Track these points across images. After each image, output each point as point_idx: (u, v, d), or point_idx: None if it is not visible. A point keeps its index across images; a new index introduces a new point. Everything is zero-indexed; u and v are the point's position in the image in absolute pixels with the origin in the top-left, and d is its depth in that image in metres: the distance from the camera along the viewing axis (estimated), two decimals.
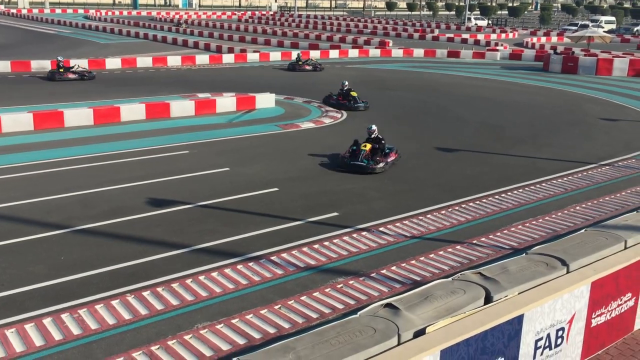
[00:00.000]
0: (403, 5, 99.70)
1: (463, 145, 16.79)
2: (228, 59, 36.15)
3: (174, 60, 34.11)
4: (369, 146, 13.91)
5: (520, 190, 12.70)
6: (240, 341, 6.91)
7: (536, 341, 5.82)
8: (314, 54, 38.57)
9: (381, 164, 13.67)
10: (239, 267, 8.68)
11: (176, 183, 12.62)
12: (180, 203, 11.26)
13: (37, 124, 17.42)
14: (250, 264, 8.78)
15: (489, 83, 30.16)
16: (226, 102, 21.01)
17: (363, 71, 33.77)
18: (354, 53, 41.36)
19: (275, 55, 37.91)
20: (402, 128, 18.95)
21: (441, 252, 9.34)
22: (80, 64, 28.51)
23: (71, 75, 26.51)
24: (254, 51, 38.94)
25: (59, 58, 26.96)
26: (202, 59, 35.22)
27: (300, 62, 32.78)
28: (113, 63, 32.04)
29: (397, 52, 41.95)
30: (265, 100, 21.83)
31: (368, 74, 32.18)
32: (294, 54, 36.45)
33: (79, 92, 23.15)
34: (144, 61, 33.20)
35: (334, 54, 40.68)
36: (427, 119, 20.54)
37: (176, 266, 8.65)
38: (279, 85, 26.52)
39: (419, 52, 42.14)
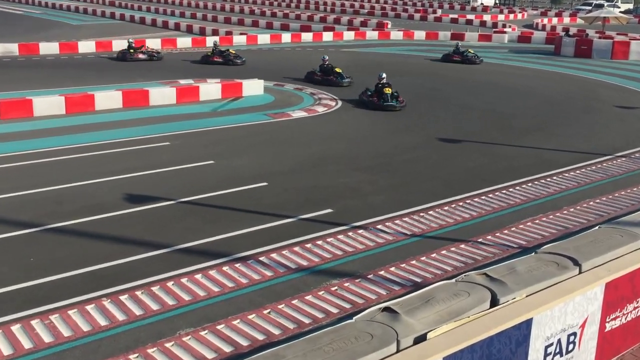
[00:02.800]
0: None
1: (467, 135, 16.82)
2: (212, 42, 36.01)
3: (153, 44, 33.97)
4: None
5: (529, 184, 12.75)
6: (227, 349, 6.91)
7: (546, 347, 5.85)
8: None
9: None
10: (225, 268, 8.68)
11: (157, 177, 12.59)
12: (162, 199, 11.24)
13: (4, 113, 17.30)
14: (237, 265, 8.78)
15: (495, 68, 30.21)
16: (210, 89, 20.96)
17: (359, 55, 33.73)
18: (349, 35, 41.32)
19: (264, 38, 37.80)
20: (401, 117, 18.96)
21: (444, 252, 9.37)
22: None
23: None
24: (241, 33, 38.83)
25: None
26: (184, 41, 35.10)
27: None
28: (86, 46, 31.84)
29: (396, 35, 41.92)
30: (253, 87, 21.79)
31: (364, 58, 32.14)
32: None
33: (48, 78, 23.03)
34: (121, 44, 33.05)
35: (327, 36, 40.63)
36: (428, 107, 20.56)
37: (157, 267, 8.64)
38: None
39: (420, 35, 42.15)
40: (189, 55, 31.75)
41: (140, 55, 28.54)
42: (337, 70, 24.72)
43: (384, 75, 20.20)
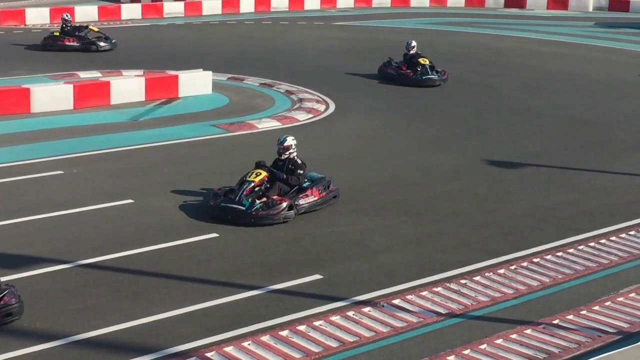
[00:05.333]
0: None
1: (533, 155, 16.94)
2: (130, 12, 36.26)
3: (37, 16, 34.11)
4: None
5: (632, 234, 12.76)
6: None
7: None
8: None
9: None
10: None
11: (43, 227, 12.50)
12: (50, 261, 11.13)
13: None
14: None
15: (574, 51, 30.58)
16: (127, 87, 21.00)
17: (362, 32, 34.05)
18: (346, 2, 41.74)
19: (212, 7, 38.04)
20: (428, 128, 19.04)
21: (499, 341, 9.32)
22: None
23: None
24: None
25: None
26: (87, 11, 35.28)
27: None
28: None
29: (420, 0, 42.42)
30: (196, 83, 21.84)
31: (370, 38, 32.40)
32: None
33: None
34: None
35: (312, 3, 40.99)
36: (471, 112, 20.67)
37: None
38: None
39: (456, 0, 42.67)
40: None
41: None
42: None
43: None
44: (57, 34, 28.26)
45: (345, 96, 21.78)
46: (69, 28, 28.32)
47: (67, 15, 29.11)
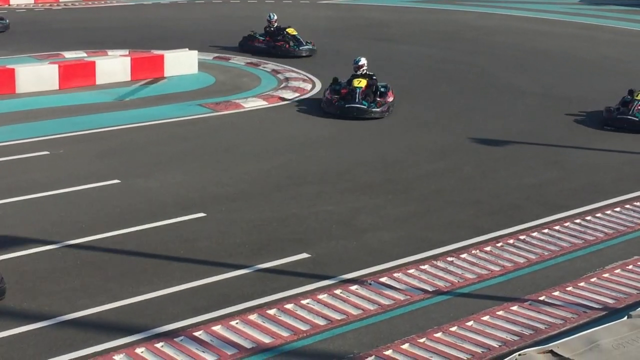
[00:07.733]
0: None
1: (518, 134, 16.99)
2: None
3: None
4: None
5: (617, 210, 12.84)
6: None
7: None
8: None
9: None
10: (140, 351, 8.60)
11: (28, 208, 12.47)
12: (36, 242, 11.12)
13: None
14: (159, 345, 8.70)
15: (560, 28, 30.56)
16: (113, 67, 20.89)
17: (348, 11, 33.93)
18: None
19: None
20: (415, 106, 19.03)
21: (486, 317, 9.37)
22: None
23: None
24: None
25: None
26: None
27: None
28: None
29: None
30: (182, 63, 21.78)
31: (357, 16, 32.30)
32: None
33: None
34: None
35: None
36: (457, 91, 20.67)
37: (30, 352, 8.53)
38: None
39: None
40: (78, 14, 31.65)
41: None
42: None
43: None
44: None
45: (331, 75, 21.68)
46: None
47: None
